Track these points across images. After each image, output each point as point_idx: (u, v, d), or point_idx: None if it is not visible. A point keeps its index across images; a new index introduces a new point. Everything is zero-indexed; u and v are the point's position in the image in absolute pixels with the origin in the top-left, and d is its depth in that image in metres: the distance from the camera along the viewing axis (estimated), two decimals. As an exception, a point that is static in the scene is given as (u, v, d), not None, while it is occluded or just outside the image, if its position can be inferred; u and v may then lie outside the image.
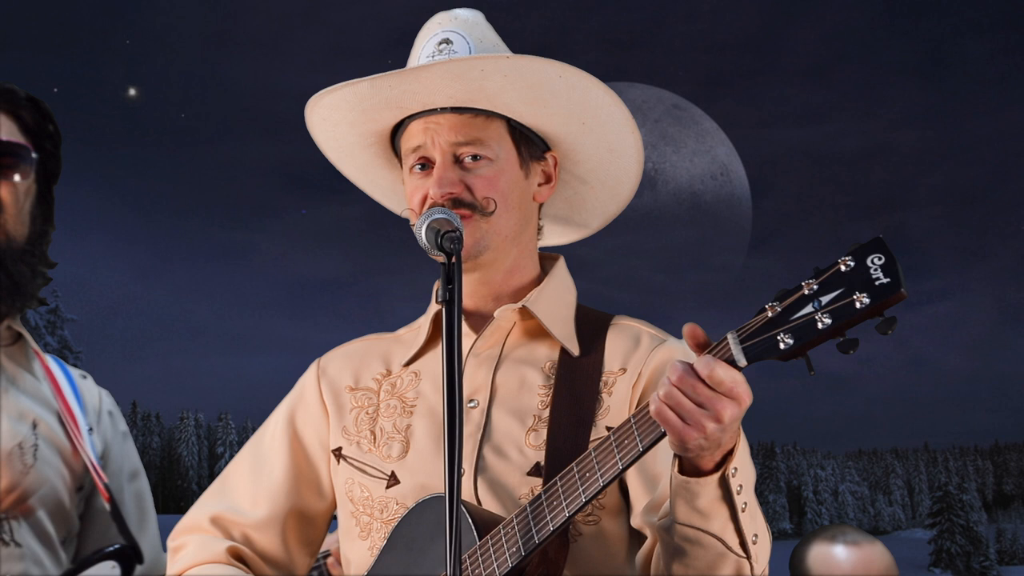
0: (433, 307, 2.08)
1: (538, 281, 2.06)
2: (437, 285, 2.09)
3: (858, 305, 1.48)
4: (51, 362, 2.39)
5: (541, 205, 2.08)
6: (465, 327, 2.01)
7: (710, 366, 1.57)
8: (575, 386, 1.95)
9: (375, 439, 2.01)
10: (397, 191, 2.17)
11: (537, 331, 2.02)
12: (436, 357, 2.06)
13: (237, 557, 2.04)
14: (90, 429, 2.35)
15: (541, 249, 2.13)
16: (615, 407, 1.93)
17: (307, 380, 2.14)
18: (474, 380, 1.97)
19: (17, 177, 2.26)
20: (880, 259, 1.48)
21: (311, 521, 2.08)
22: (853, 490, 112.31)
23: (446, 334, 1.69)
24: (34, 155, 2.29)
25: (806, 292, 1.54)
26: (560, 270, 2.09)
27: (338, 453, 2.04)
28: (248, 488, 2.09)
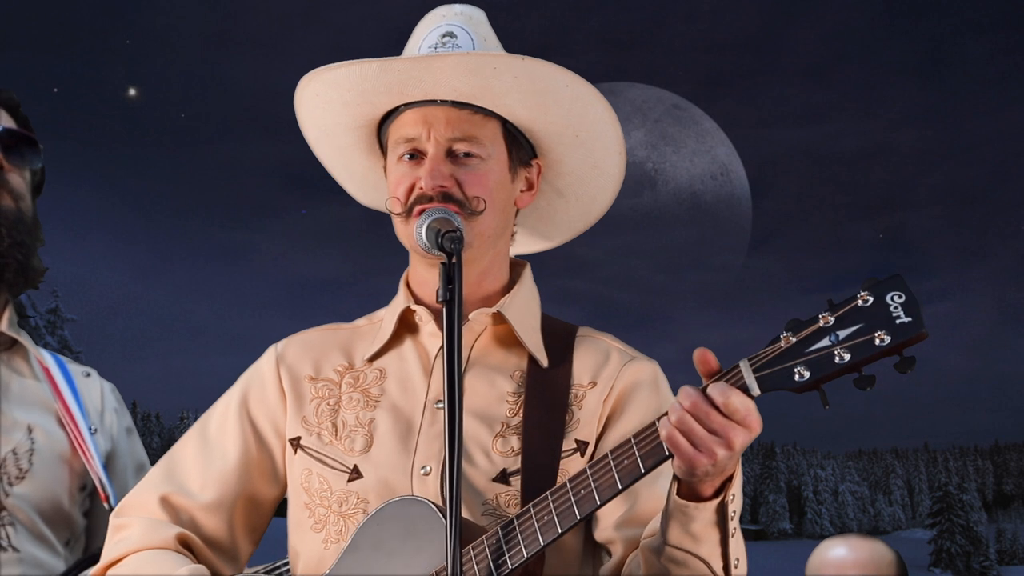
0: (399, 302, 2.06)
1: (508, 287, 2.05)
2: (405, 277, 2.07)
3: (878, 343, 1.48)
4: (50, 362, 2.39)
5: (518, 211, 2.07)
6: (434, 327, 2.00)
7: (726, 394, 1.56)
8: (545, 397, 1.94)
9: (337, 432, 1.98)
10: (368, 179, 2.16)
11: (506, 338, 2.01)
12: (401, 356, 2.03)
13: (185, 544, 1.98)
14: (93, 430, 2.35)
15: None
16: (584, 420, 1.93)
17: (265, 365, 2.09)
18: (442, 381, 1.95)
19: (32, 166, 2.35)
20: (900, 297, 1.48)
21: (259, 507, 2.04)
22: (853, 490, 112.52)
23: (446, 334, 1.69)
24: (41, 146, 2.35)
25: (822, 325, 1.53)
26: (528, 278, 2.08)
27: (296, 443, 2.01)
28: (198, 471, 2.03)
